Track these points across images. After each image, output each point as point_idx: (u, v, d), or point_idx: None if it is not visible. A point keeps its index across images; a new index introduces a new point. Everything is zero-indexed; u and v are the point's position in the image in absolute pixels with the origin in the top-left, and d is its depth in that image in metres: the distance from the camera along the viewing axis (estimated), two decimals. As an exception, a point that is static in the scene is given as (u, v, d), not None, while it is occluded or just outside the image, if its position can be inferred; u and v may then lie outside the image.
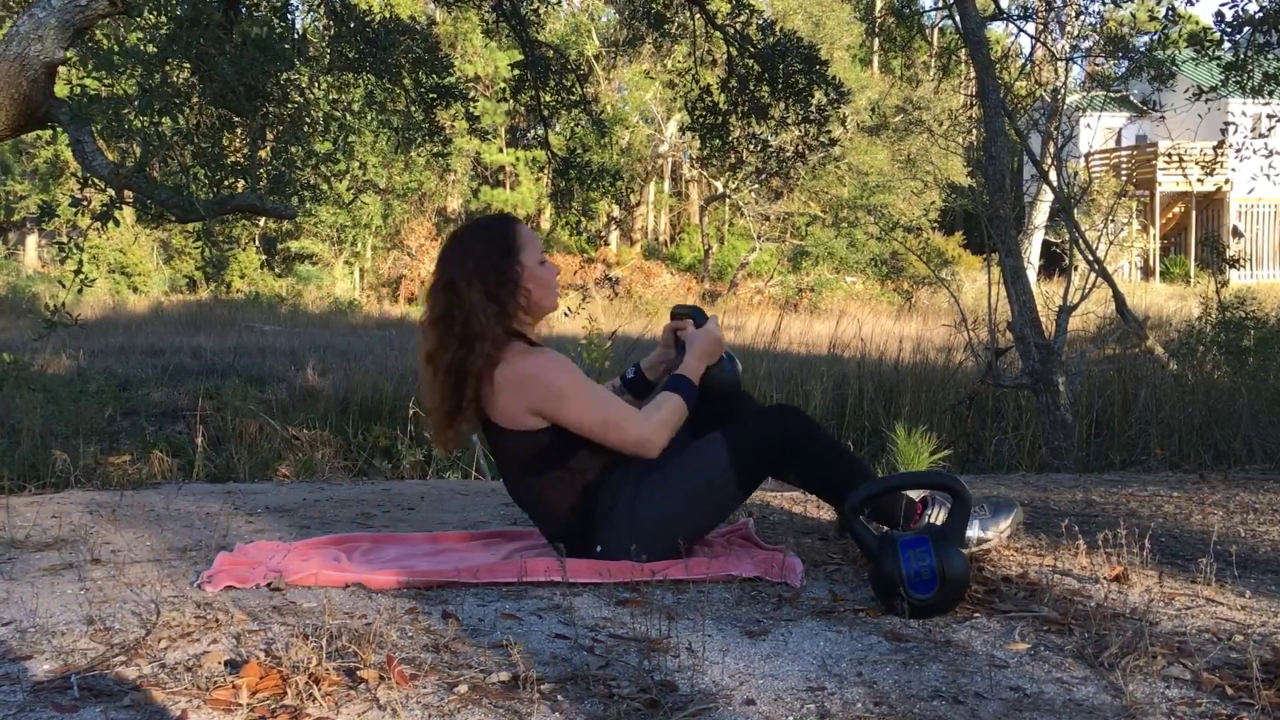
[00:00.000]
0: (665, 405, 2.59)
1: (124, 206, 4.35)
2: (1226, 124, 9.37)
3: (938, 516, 2.60)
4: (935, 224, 28.57)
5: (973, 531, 2.63)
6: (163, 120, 4.24)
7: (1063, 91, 13.19)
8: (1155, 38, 10.28)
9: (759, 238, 28.14)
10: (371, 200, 24.94)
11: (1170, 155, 12.24)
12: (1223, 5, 7.34)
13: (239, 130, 5.03)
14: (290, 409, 8.27)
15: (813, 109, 7.24)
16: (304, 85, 5.44)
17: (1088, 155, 17.60)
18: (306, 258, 27.47)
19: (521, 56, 7.79)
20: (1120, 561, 2.63)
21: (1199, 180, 9.88)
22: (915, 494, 2.66)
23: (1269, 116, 8.91)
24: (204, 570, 2.54)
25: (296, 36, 4.76)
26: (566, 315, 6.46)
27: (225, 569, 2.51)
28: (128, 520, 3.20)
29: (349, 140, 5.74)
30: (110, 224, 4.27)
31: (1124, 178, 24.93)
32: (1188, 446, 5.82)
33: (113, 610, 2.24)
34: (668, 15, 7.94)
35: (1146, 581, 2.52)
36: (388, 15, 6.62)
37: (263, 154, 4.94)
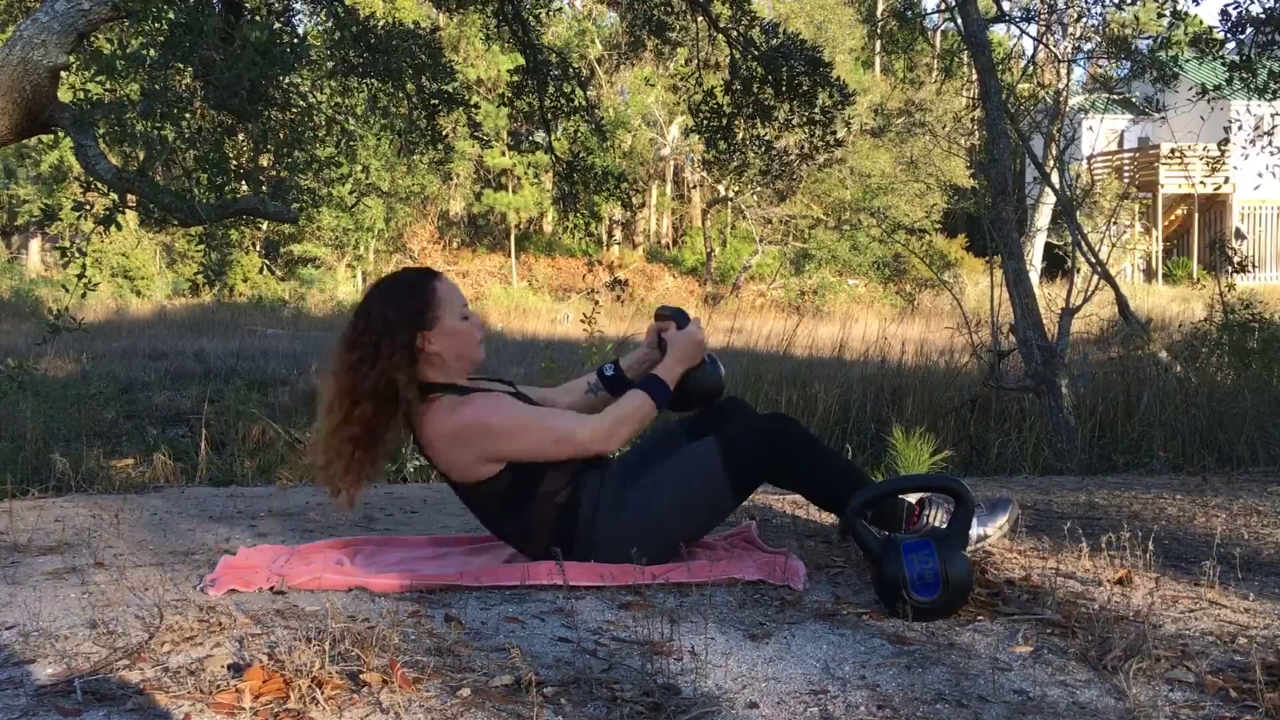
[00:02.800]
0: (629, 403, 2.59)
1: (127, 210, 4.36)
2: (1230, 124, 9.37)
3: (936, 518, 2.60)
4: (938, 226, 28.55)
5: (971, 529, 2.63)
6: (165, 125, 4.24)
7: (1065, 93, 13.19)
8: (1159, 39, 10.28)
9: (761, 241, 28.13)
10: (374, 204, 24.95)
11: (1174, 152, 12.24)
12: (1227, 5, 7.34)
13: (241, 135, 5.04)
14: (293, 412, 8.27)
15: (817, 110, 7.25)
16: (306, 90, 5.45)
17: (1090, 157, 17.60)
18: (309, 261, 27.49)
19: (524, 61, 7.80)
20: (1123, 564, 2.63)
21: (1201, 182, 9.88)
22: (912, 497, 2.66)
23: (1273, 116, 8.91)
24: (207, 574, 2.54)
25: (296, 41, 4.77)
26: (584, 321, 6.47)
27: (228, 572, 2.51)
28: (130, 524, 3.20)
29: (351, 144, 5.75)
30: (113, 228, 4.28)
31: (1126, 180, 24.91)
32: (1191, 449, 5.80)
33: (116, 614, 2.24)
34: (669, 21, 7.96)
35: (1149, 584, 2.52)
36: (391, 20, 6.63)
37: (265, 159, 4.95)
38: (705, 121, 7.57)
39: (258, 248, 27.44)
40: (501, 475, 2.54)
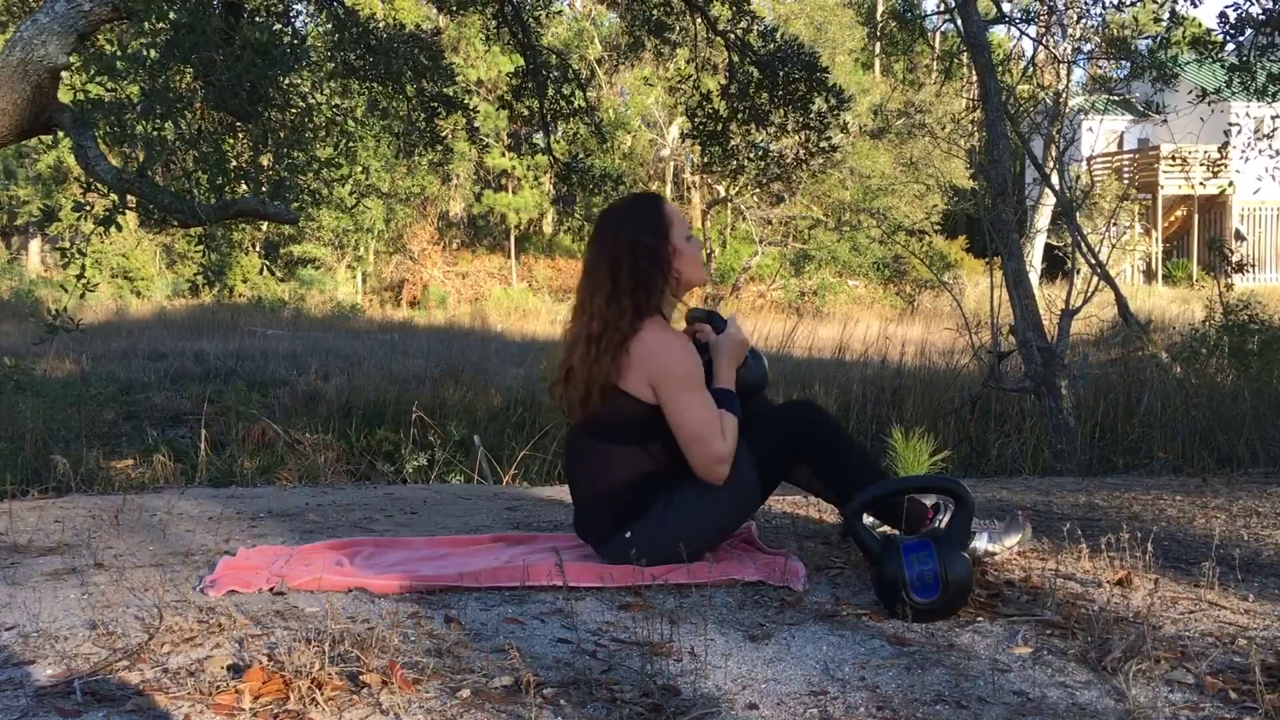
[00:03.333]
0: (729, 428, 2.59)
1: (127, 211, 4.35)
2: (1230, 126, 9.37)
3: (945, 522, 2.61)
4: (938, 227, 28.56)
5: (981, 543, 2.66)
6: (165, 125, 4.24)
7: (1065, 94, 13.19)
8: (1158, 39, 10.28)
9: (761, 241, 28.13)
10: (374, 204, 24.96)
11: (1174, 157, 12.25)
12: (1226, 7, 7.34)
13: (241, 135, 5.04)
14: (293, 413, 8.28)
15: (812, 116, 7.26)
16: (306, 91, 5.45)
17: (1090, 158, 17.61)
18: (309, 262, 27.49)
19: (523, 62, 7.80)
20: (1123, 565, 2.63)
21: (1202, 183, 9.88)
22: (927, 499, 2.67)
23: (1272, 118, 8.91)
24: (207, 575, 2.54)
25: (297, 42, 4.77)
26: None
27: (228, 573, 2.51)
28: (130, 525, 3.20)
29: (351, 145, 5.75)
30: (113, 228, 4.28)
31: (1126, 181, 24.91)
32: (1191, 450, 5.80)
33: (115, 615, 2.24)
34: (669, 22, 7.96)
35: (1149, 585, 2.52)
36: (391, 22, 6.63)
37: (265, 159, 4.95)
38: (701, 125, 7.57)
39: (257, 248, 27.44)
40: (644, 406, 2.58)
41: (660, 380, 2.56)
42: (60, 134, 4.42)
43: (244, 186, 4.79)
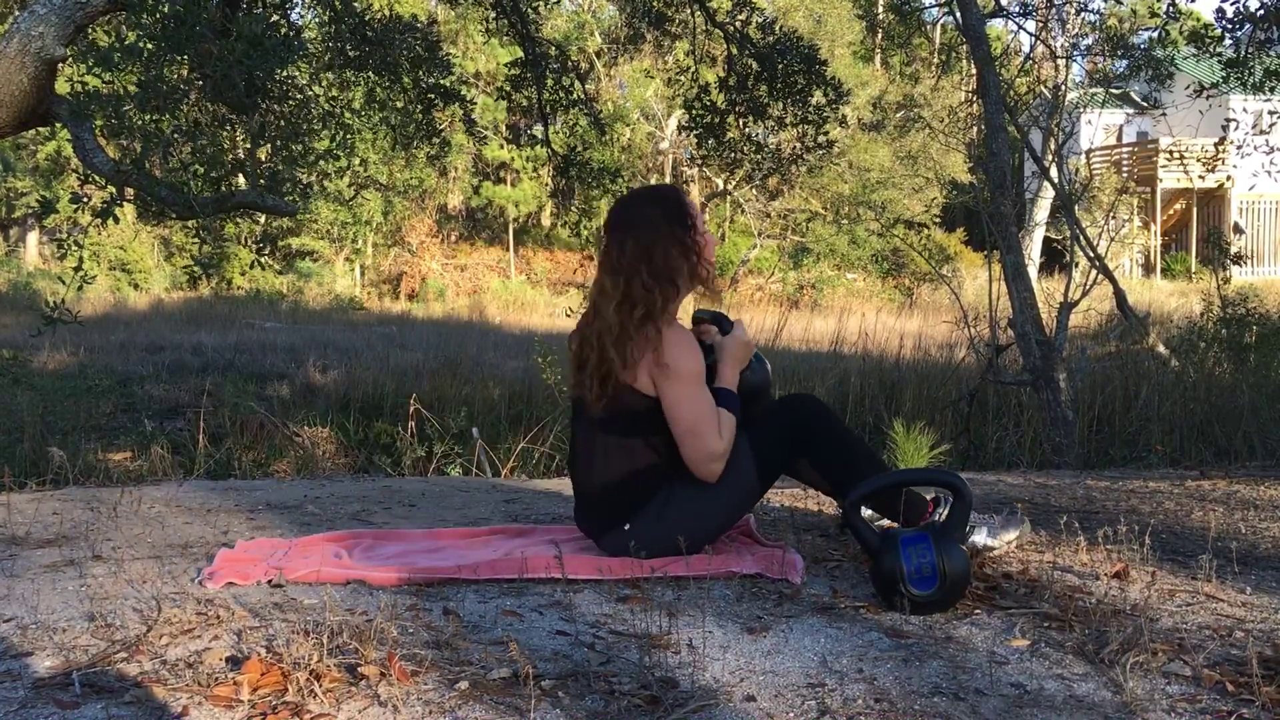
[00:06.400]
0: (726, 426, 2.60)
1: (124, 203, 4.35)
2: (1228, 121, 9.37)
3: (944, 515, 2.62)
4: (937, 220, 28.55)
5: (979, 538, 2.66)
6: (162, 117, 4.23)
7: (1063, 88, 13.17)
8: (1156, 34, 10.27)
9: (760, 235, 28.12)
10: (372, 197, 24.93)
11: (1171, 153, 12.24)
12: (1224, 1, 7.32)
13: (238, 127, 5.03)
14: (291, 405, 8.28)
15: (810, 109, 7.24)
16: (304, 83, 5.43)
17: (1089, 152, 17.59)
18: (307, 254, 27.47)
19: (522, 54, 7.78)
20: (1120, 558, 2.63)
21: (1200, 177, 9.87)
22: (928, 493, 2.68)
23: (1270, 113, 8.90)
24: (205, 567, 2.54)
25: (291, 33, 4.75)
26: (569, 315, 6.45)
27: (226, 566, 2.51)
28: (128, 517, 3.20)
29: (348, 138, 5.74)
30: (110, 221, 4.27)
31: (1125, 174, 24.91)
32: (1188, 443, 5.82)
33: (114, 607, 2.24)
34: (668, 13, 7.94)
35: (1146, 578, 2.52)
36: (388, 13, 6.61)
37: (262, 152, 4.94)
38: (699, 117, 7.55)
39: (247, 244, 27.39)
40: (647, 399, 2.57)
41: (662, 373, 2.55)
42: (58, 126, 4.41)
43: (241, 179, 4.78)
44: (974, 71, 7.30)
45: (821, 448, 2.64)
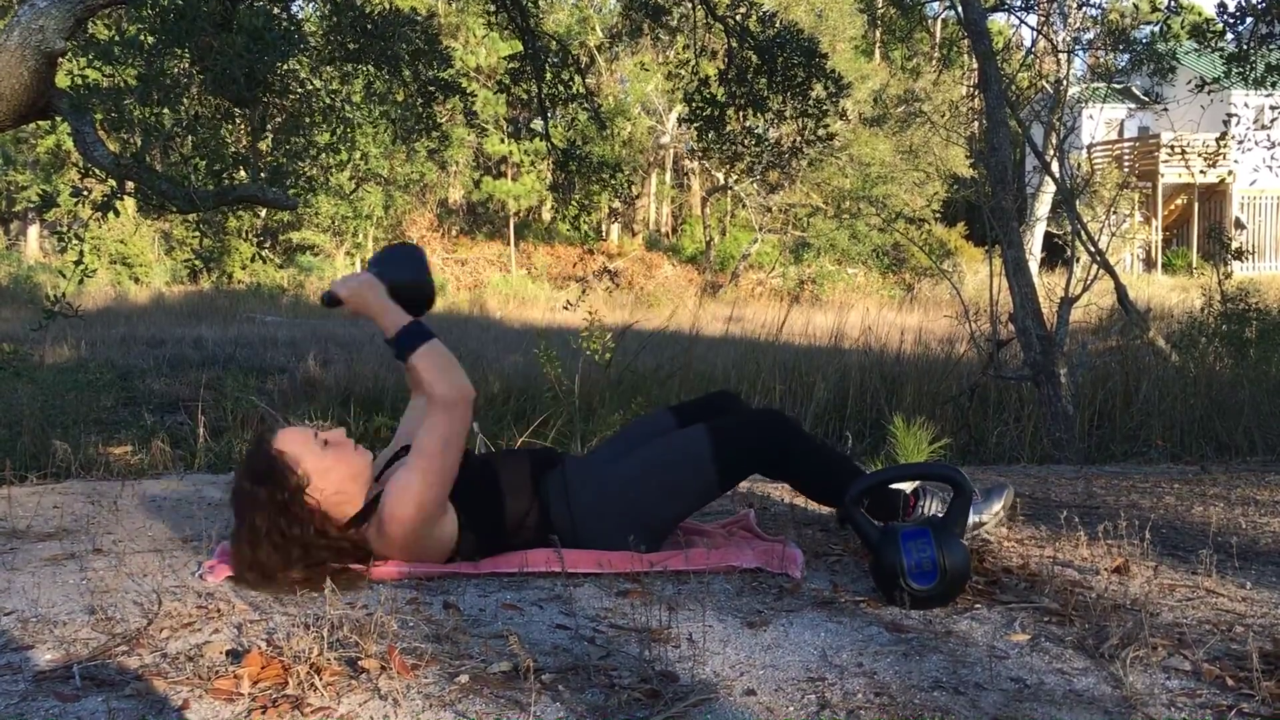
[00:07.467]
0: (431, 360, 2.46)
1: (125, 197, 4.35)
2: (1229, 116, 9.36)
3: (931, 508, 2.61)
4: (937, 215, 28.55)
5: (969, 518, 2.65)
6: (163, 111, 4.23)
7: (1064, 83, 13.16)
8: (1157, 28, 10.25)
9: (761, 229, 28.11)
10: (373, 191, 24.92)
11: (1173, 148, 12.23)
12: (1225, -4, 7.31)
13: (239, 121, 5.03)
14: (292, 399, 8.28)
15: (811, 103, 7.23)
16: (304, 76, 5.43)
17: (1090, 147, 17.58)
18: (308, 248, 27.46)
19: (522, 47, 7.78)
20: (1121, 553, 2.63)
21: (1201, 172, 9.86)
22: (907, 487, 2.67)
23: (1272, 108, 8.89)
24: (205, 560, 2.55)
25: (291, 26, 4.75)
26: (567, 308, 6.45)
27: (227, 559, 2.51)
28: (129, 510, 3.21)
29: (349, 132, 5.73)
30: (111, 214, 4.27)
31: (1126, 169, 24.90)
32: (1189, 438, 5.82)
33: (114, 600, 2.24)
34: (666, 6, 7.92)
35: (1147, 573, 2.52)
36: (388, 6, 6.61)
37: (263, 145, 4.94)
38: (699, 110, 7.54)
39: (248, 238, 27.38)
40: (462, 532, 2.48)
41: (408, 521, 2.37)
42: (58, 119, 4.41)
43: (242, 172, 4.78)
44: (975, 66, 7.29)
45: (801, 470, 2.61)
